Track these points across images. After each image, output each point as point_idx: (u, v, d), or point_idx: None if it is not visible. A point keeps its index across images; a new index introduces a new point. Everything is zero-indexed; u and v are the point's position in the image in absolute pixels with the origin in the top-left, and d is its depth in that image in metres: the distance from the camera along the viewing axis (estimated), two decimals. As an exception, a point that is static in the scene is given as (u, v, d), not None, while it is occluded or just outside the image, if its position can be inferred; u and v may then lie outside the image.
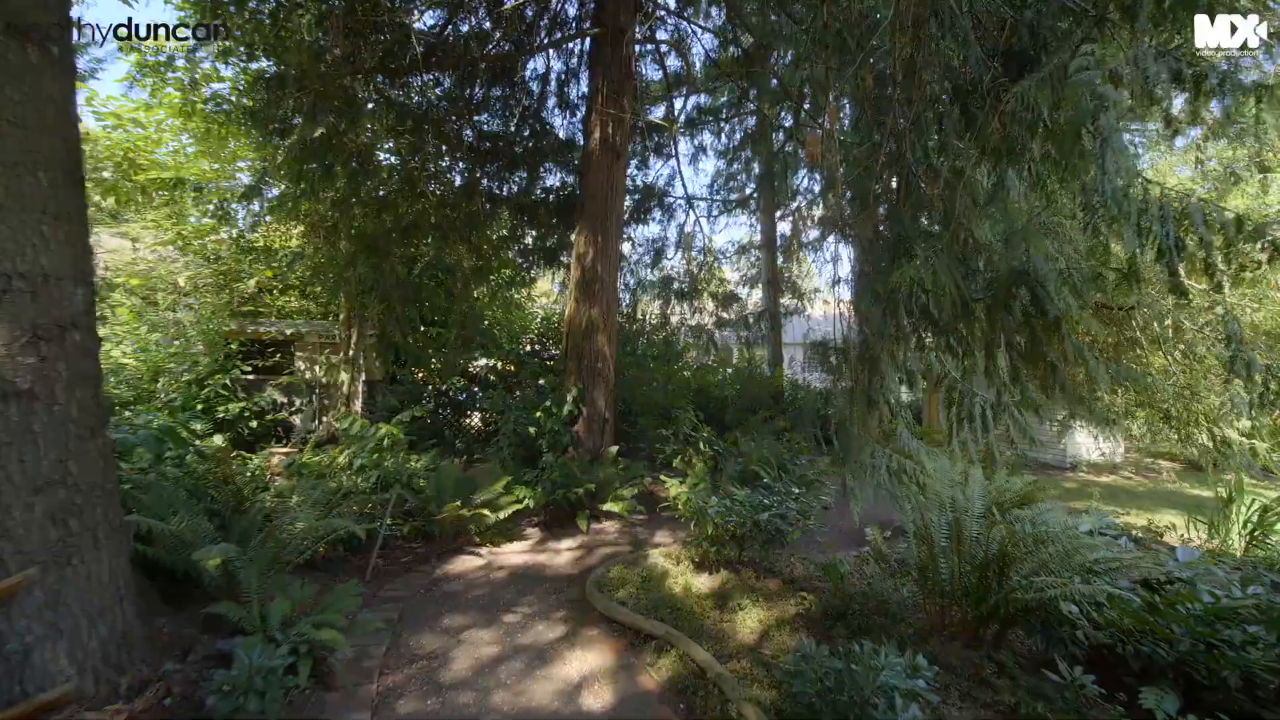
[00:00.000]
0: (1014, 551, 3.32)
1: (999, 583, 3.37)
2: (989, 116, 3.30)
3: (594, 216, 8.17)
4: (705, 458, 7.73)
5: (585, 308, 8.09)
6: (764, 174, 12.33)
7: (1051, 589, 3.12)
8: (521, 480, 6.86)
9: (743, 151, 13.31)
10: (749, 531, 4.58)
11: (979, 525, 3.68)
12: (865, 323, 4.07)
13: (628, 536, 6.37)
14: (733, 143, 13.30)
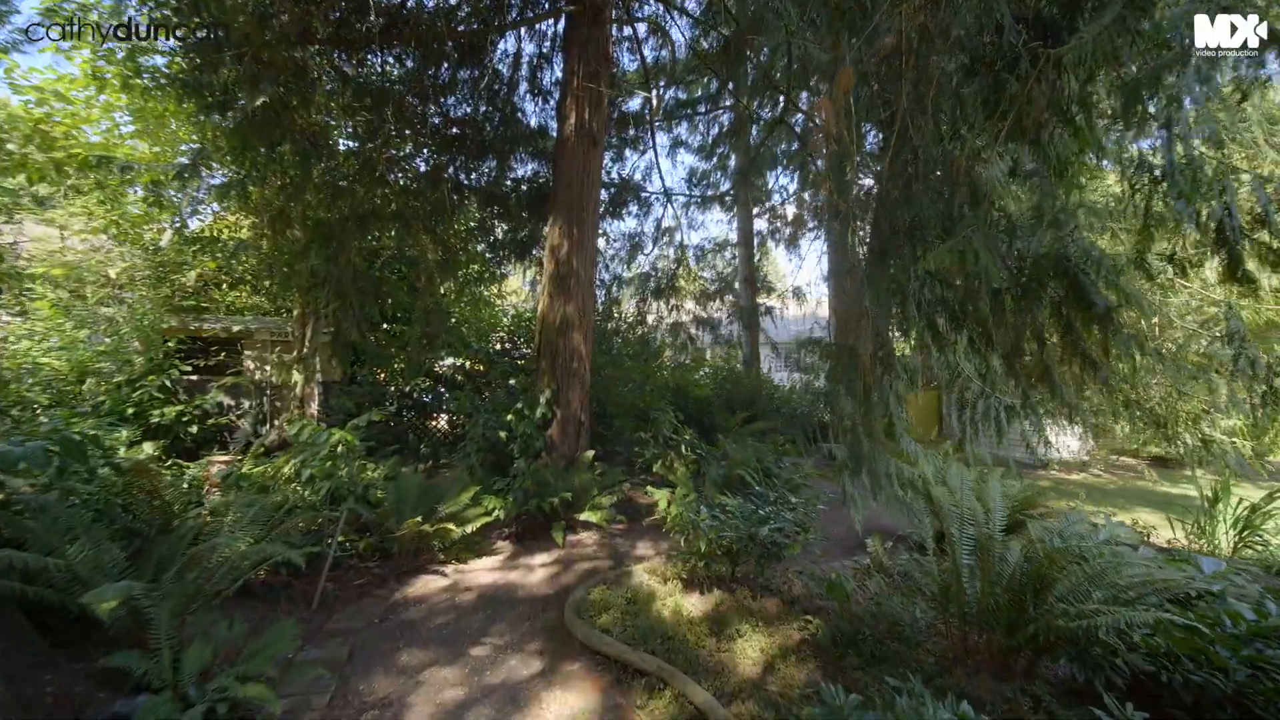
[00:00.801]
0: (1053, 573, 2.92)
1: (1035, 607, 2.97)
2: (1027, 85, 2.89)
3: (568, 207, 7.62)
4: (687, 462, 7.25)
5: (559, 303, 7.53)
6: (741, 168, 11.94)
7: (1101, 617, 2.72)
8: (491, 489, 6.27)
9: (718, 148, 12.94)
10: (744, 546, 4.10)
11: (1006, 541, 3.27)
12: (874, 317, 3.63)
13: (607, 549, 5.84)
14: (710, 137, 12.91)
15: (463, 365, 10.97)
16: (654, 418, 8.52)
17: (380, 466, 6.16)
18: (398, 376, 10.40)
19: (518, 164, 9.46)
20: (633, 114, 10.77)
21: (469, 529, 5.40)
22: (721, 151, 13.24)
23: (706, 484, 7.07)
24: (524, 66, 9.32)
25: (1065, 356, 3.07)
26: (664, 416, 8.11)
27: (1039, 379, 3.23)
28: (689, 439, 7.54)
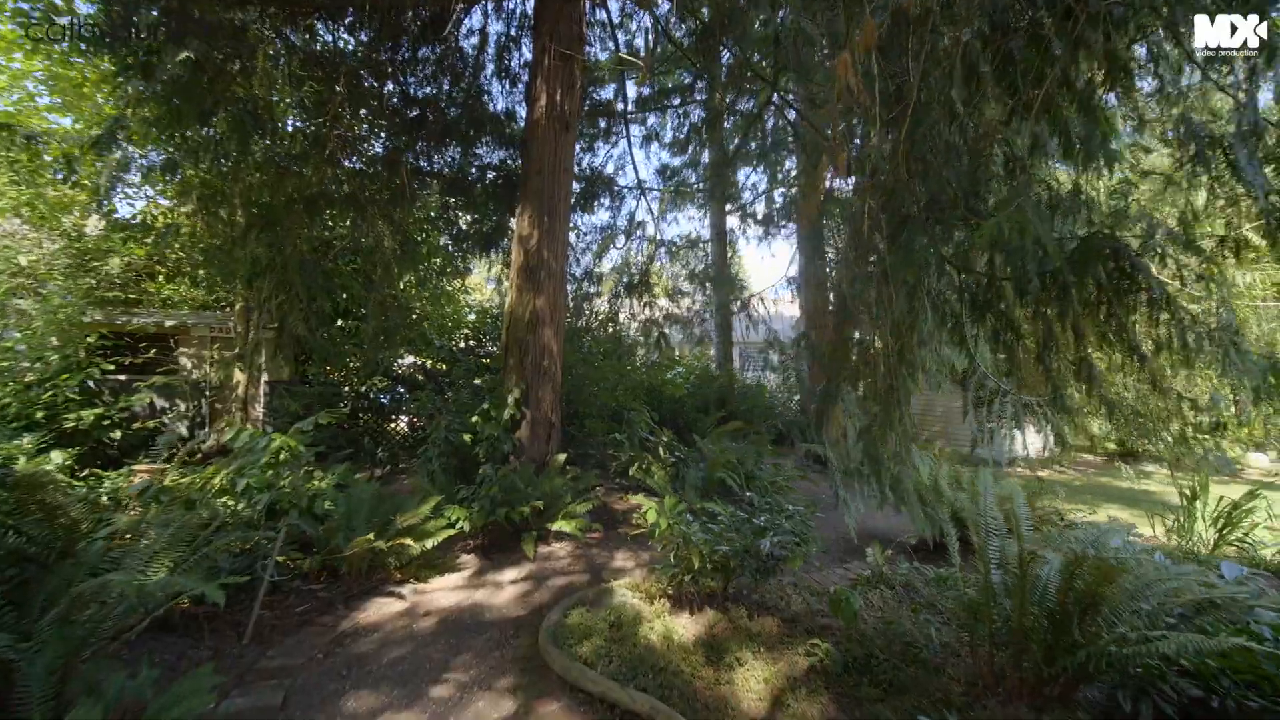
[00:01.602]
0: (1105, 591, 2.56)
1: (1082, 629, 2.60)
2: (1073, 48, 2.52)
3: (539, 195, 7.08)
4: (666, 465, 6.79)
5: (529, 297, 6.98)
6: (716, 163, 11.57)
7: (1162, 642, 2.36)
8: (454, 498, 5.68)
9: (691, 144, 12.54)
10: (741, 561, 3.66)
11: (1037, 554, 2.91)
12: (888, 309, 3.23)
13: (583, 562, 5.33)
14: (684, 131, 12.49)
15: (424, 364, 10.28)
16: (628, 418, 8.04)
17: (330, 475, 5.50)
18: (353, 376, 9.65)
19: (483, 150, 8.85)
20: (604, 102, 10.27)
21: (429, 544, 4.80)
22: (694, 148, 12.86)
23: (686, 488, 6.63)
24: (490, 47, 8.72)
25: (1106, 349, 2.75)
26: (639, 417, 7.64)
27: (1077, 374, 2.90)
28: (667, 441, 7.09)
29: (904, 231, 2.93)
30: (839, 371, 3.63)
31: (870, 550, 4.47)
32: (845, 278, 3.64)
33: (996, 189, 2.92)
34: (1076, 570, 2.56)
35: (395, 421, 9.94)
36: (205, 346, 8.87)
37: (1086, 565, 2.52)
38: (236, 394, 8.78)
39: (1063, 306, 2.63)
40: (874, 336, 3.35)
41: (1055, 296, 2.62)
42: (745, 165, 13.27)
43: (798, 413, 13.76)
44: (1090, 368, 2.85)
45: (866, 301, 3.34)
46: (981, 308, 3.04)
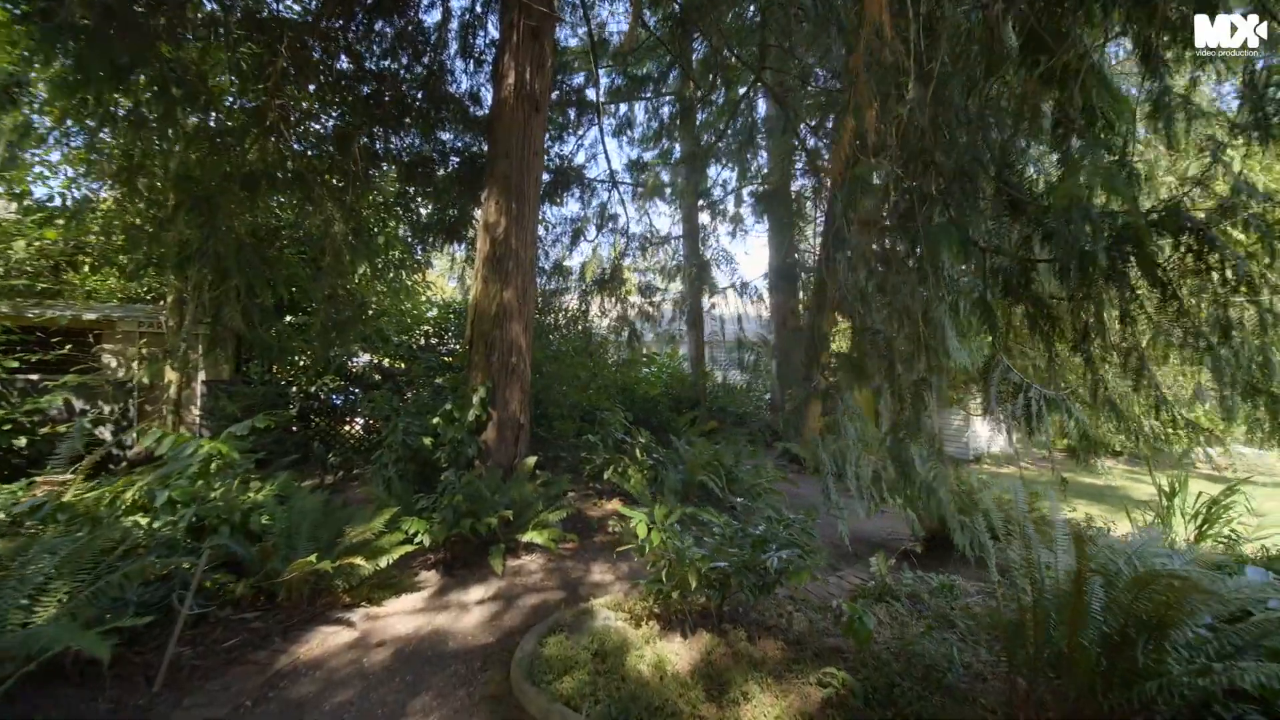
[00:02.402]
0: (1177, 613, 2.22)
1: (1146, 656, 2.25)
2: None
3: (506, 179, 6.52)
4: (643, 467, 6.32)
5: (496, 289, 6.42)
6: (688, 156, 11.17)
7: (1248, 671, 2.03)
8: (413, 509, 5.08)
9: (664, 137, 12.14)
10: (741, 577, 3.22)
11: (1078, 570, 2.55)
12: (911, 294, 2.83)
13: (557, 576, 4.82)
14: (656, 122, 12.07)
15: (380, 362, 9.56)
16: (601, 418, 7.55)
17: (270, 484, 4.84)
18: (302, 375, 8.86)
19: (446, 134, 8.21)
20: (575, 88, 9.75)
21: (384, 562, 4.22)
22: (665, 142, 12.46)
23: (665, 492, 6.19)
24: (454, 22, 8.10)
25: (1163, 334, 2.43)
26: (614, 417, 7.17)
27: (1125, 365, 2.58)
28: (644, 442, 6.63)
29: (926, 206, 2.55)
30: (856, 368, 3.23)
31: (872, 559, 4.11)
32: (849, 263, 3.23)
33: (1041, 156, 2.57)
34: (1143, 589, 2.22)
35: (350, 424, 9.21)
36: (132, 342, 7.96)
37: (1159, 584, 2.18)
38: (168, 395, 7.90)
39: (1120, 286, 2.29)
40: (896, 328, 2.95)
41: (1112, 276, 2.28)
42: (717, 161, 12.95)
43: (767, 411, 13.52)
44: (1141, 357, 2.53)
45: (885, 288, 2.94)
46: (1015, 292, 2.69)
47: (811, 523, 3.69)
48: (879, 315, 3.13)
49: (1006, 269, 2.70)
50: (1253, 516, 6.26)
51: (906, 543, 5.34)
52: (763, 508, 4.33)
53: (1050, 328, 2.69)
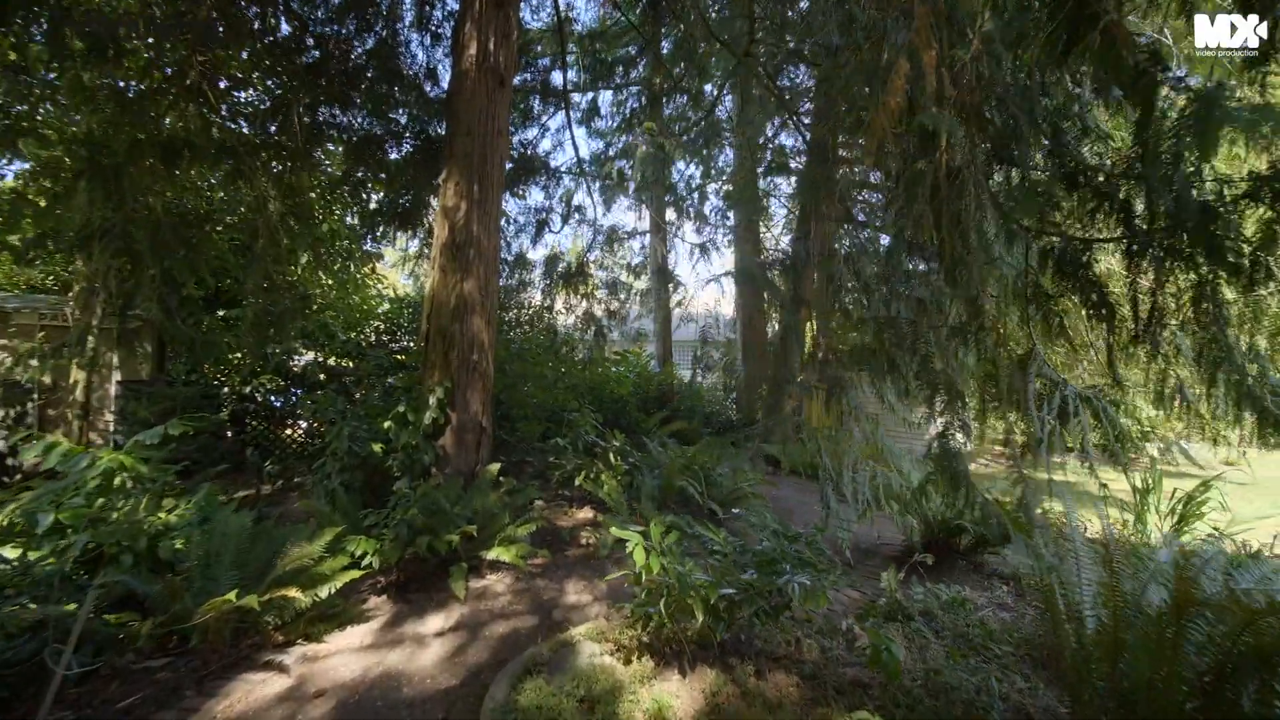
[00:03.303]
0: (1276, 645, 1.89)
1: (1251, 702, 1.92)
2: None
3: (468, 158, 5.92)
4: (618, 473, 5.83)
5: (456, 279, 5.80)
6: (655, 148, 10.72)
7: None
8: (360, 526, 4.44)
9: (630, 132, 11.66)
10: (754, 606, 2.77)
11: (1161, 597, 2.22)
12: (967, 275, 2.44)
13: (528, 598, 4.27)
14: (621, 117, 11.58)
15: (325, 361, 8.72)
16: (570, 420, 7.00)
17: (187, 501, 4.11)
18: (235, 375, 7.96)
19: (399, 112, 7.49)
20: (541, 68, 9.16)
21: (325, 591, 3.58)
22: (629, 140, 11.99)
23: (642, 499, 5.72)
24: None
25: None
26: (583, 419, 6.64)
27: (1200, 356, 2.27)
28: (619, 445, 6.13)
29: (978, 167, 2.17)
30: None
31: (883, 575, 3.74)
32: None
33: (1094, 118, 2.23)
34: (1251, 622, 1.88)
35: (293, 428, 8.35)
36: (29, 337, 6.92)
37: (1272, 616, 1.84)
38: (74, 397, 6.91)
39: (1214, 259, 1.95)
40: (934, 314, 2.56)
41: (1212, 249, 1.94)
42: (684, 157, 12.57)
43: (734, 410, 13.24)
44: (1221, 345, 2.22)
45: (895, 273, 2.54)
46: (1071, 275, 2.36)
47: (820, 535, 3.28)
48: (904, 303, 2.73)
49: (1060, 250, 2.36)
50: (1223, 512, 6.27)
51: (898, 548, 5.03)
52: (745, 513, 3.90)
53: (1110, 314, 2.36)
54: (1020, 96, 2.16)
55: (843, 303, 4.03)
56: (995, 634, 3.31)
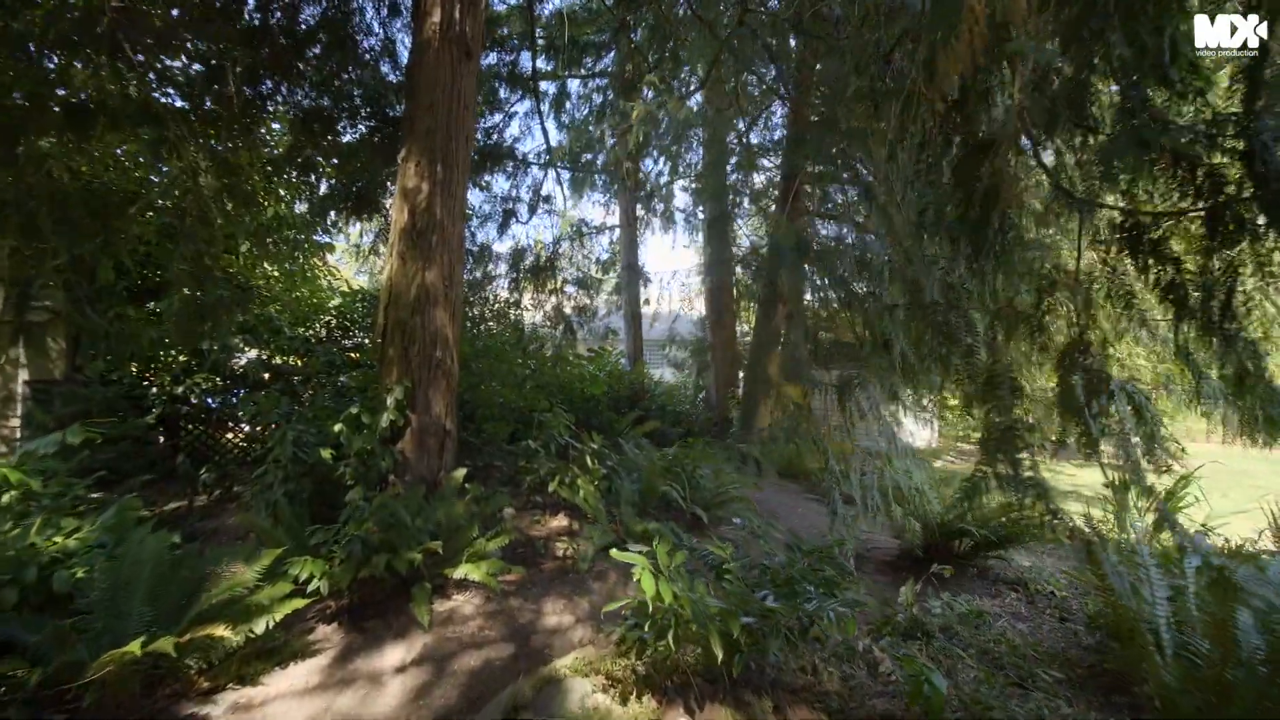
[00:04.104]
0: None
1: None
2: None
3: (430, 136, 5.37)
4: (595, 477, 5.38)
5: (416, 268, 5.26)
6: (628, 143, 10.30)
7: None
8: (306, 544, 3.86)
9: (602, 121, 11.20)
10: (775, 635, 2.38)
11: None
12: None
13: (502, 622, 3.78)
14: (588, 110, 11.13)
15: (271, 358, 7.95)
16: (541, 421, 6.50)
17: (91, 521, 3.46)
18: (165, 374, 7.13)
19: (351, 86, 6.83)
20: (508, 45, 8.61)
21: (262, 625, 3.02)
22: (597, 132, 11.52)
23: (622, 505, 5.29)
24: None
25: None
26: (556, 420, 6.15)
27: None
28: (596, 448, 5.68)
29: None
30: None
31: (902, 590, 3.42)
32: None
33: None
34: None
35: (235, 431, 7.57)
36: (-87, 331, 5.97)
37: None
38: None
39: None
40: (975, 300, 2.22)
41: None
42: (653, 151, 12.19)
43: (703, 409, 12.95)
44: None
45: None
46: (1144, 252, 2.06)
47: (837, 548, 2.92)
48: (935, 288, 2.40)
49: (1128, 224, 2.07)
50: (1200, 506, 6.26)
51: (893, 552, 4.75)
52: (744, 521, 3.53)
53: (1183, 298, 2.08)
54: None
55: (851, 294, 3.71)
56: (1019, 649, 3.03)
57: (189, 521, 5.74)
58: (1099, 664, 2.83)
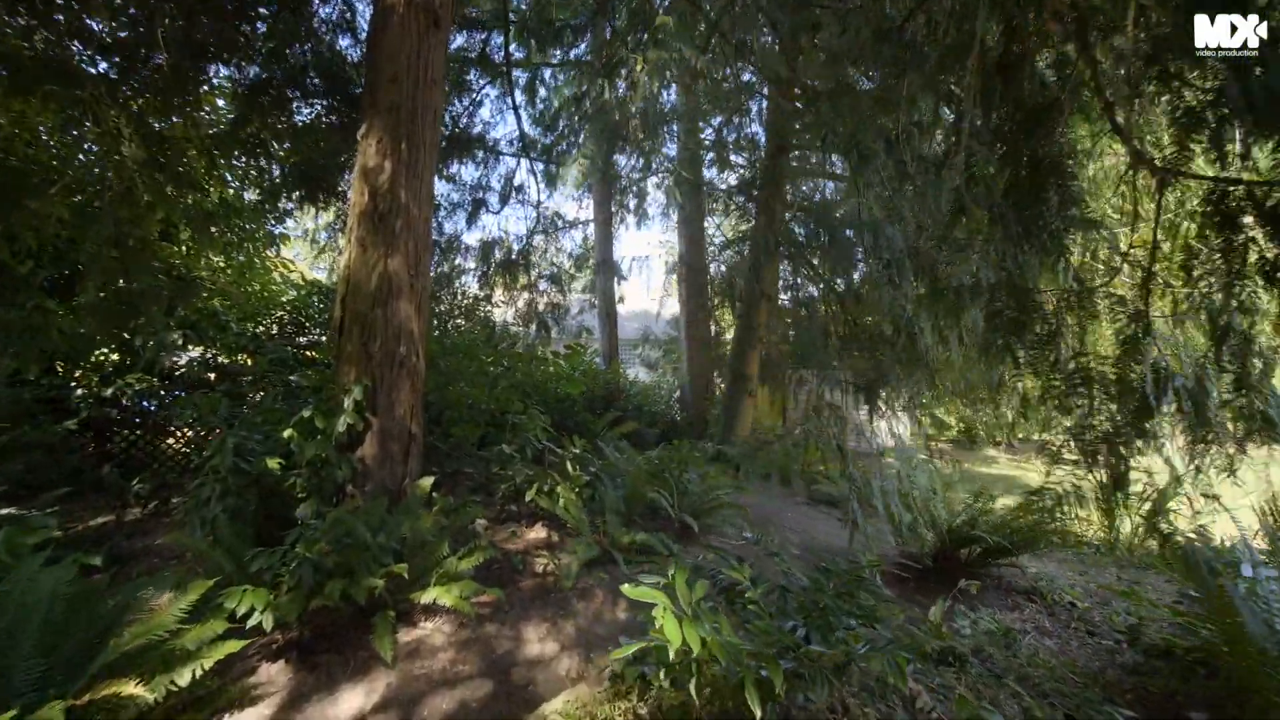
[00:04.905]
0: None
1: None
2: None
3: (394, 111, 4.86)
4: (577, 484, 4.94)
5: (378, 255, 4.73)
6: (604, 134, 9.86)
7: None
8: (248, 569, 3.31)
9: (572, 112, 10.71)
10: (819, 679, 2.01)
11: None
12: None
13: (477, 654, 3.32)
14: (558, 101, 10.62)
15: (216, 357, 7.24)
16: (515, 424, 6.02)
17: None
18: (92, 374, 6.37)
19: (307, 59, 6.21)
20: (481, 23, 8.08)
21: (188, 675, 2.49)
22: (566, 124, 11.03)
23: (606, 514, 4.87)
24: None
25: None
26: (532, 422, 5.69)
27: None
28: (578, 453, 5.24)
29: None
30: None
31: (931, 610, 3.09)
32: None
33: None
34: None
35: (177, 437, 6.84)
36: None
37: None
38: None
39: None
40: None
41: None
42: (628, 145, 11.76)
43: (678, 408, 12.61)
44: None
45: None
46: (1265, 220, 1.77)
47: (872, 572, 2.56)
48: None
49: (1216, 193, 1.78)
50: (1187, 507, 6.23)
51: (896, 560, 4.45)
52: (756, 536, 3.17)
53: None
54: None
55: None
56: (1055, 671, 2.75)
57: (115, 540, 5.07)
58: (1142, 685, 2.58)
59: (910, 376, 2.85)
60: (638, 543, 4.49)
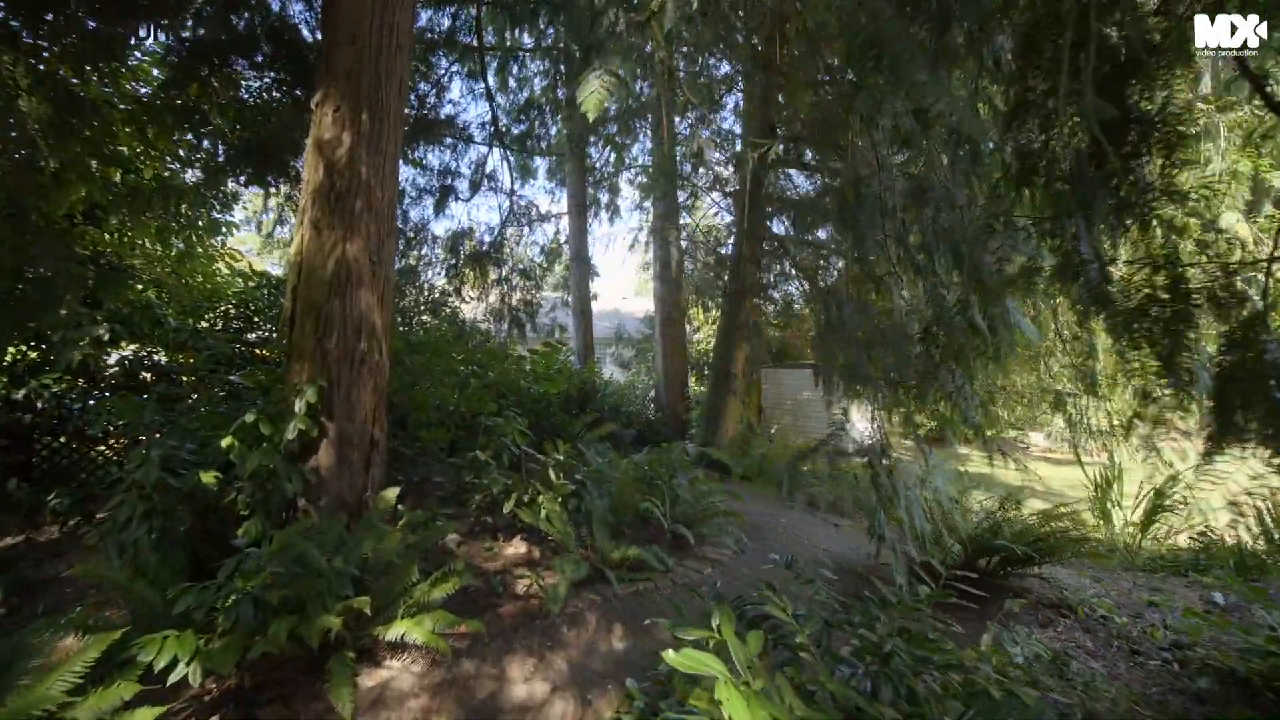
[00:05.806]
0: None
1: None
2: None
3: (353, 78, 4.30)
4: (561, 493, 4.47)
5: (335, 238, 4.17)
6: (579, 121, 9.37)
7: None
8: (170, 610, 2.73)
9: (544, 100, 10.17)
10: None
11: None
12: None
13: (453, 699, 2.82)
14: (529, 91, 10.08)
15: (152, 355, 6.47)
16: (489, 427, 5.50)
17: None
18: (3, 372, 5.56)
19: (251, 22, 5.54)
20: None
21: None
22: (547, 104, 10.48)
23: (594, 525, 4.41)
24: None
25: None
26: (509, 425, 5.19)
27: None
28: (562, 459, 4.76)
29: None
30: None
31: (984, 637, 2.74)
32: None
33: None
34: None
35: (111, 445, 6.06)
36: None
37: None
38: None
39: None
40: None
41: None
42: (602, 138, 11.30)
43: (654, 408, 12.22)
44: None
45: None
46: None
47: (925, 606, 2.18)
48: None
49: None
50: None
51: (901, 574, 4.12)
52: (781, 558, 2.77)
53: None
54: None
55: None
56: (1118, 703, 2.43)
57: (23, 566, 4.37)
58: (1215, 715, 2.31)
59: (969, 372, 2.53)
60: (630, 558, 4.06)
